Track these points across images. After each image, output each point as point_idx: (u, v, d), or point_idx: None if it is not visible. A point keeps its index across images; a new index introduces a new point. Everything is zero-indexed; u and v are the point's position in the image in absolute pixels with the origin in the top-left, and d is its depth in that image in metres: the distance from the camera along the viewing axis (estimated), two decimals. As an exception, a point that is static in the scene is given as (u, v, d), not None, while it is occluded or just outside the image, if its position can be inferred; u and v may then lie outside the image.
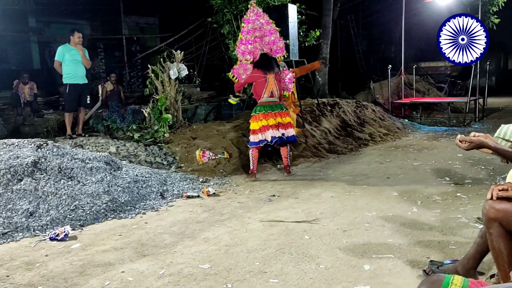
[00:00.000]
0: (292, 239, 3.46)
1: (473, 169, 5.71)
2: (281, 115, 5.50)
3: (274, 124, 5.44)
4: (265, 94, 5.52)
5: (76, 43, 7.13)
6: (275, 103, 5.53)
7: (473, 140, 2.28)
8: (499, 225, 2.05)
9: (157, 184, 5.03)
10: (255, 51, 5.86)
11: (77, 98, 7.22)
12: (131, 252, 3.32)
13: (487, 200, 2.11)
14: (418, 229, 3.58)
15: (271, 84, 5.49)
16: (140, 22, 14.61)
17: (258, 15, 5.92)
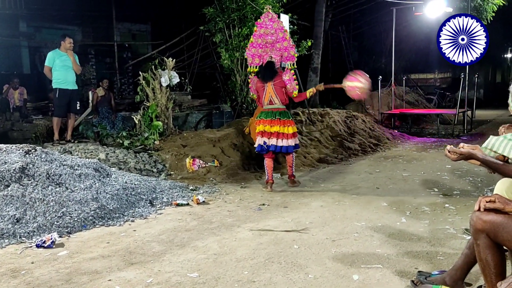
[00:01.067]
0: (281, 248, 3.45)
1: (461, 180, 5.76)
2: (283, 123, 5.45)
3: (275, 132, 5.43)
4: (265, 101, 5.58)
5: (67, 48, 7.11)
6: (276, 110, 5.50)
7: (462, 151, 2.31)
8: (487, 237, 2.07)
9: (146, 192, 4.99)
10: (264, 56, 5.91)
11: (67, 103, 7.17)
12: (119, 260, 3.28)
13: (475, 211, 2.13)
14: (406, 240, 3.60)
15: (269, 92, 5.51)
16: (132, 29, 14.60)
17: (272, 20, 5.93)
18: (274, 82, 5.50)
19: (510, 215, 2.05)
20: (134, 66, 13.49)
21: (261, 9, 9.27)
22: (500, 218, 2.04)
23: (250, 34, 9.66)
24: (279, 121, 5.43)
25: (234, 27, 9.80)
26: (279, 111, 5.50)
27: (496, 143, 2.51)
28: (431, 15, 11.73)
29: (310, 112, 9.08)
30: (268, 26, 5.91)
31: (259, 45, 5.95)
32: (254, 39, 6.01)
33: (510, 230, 2.01)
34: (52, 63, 7.02)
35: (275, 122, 5.43)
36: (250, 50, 6.02)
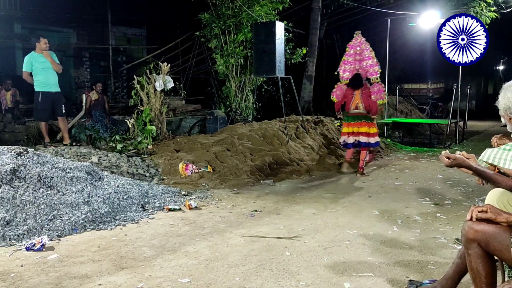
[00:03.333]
0: (273, 255, 3.44)
1: (453, 190, 5.80)
2: (369, 125, 6.77)
3: (353, 132, 6.81)
4: (351, 106, 6.82)
5: (42, 49, 6.94)
6: (361, 114, 6.78)
7: (457, 157, 2.33)
8: (478, 246, 2.08)
9: (138, 196, 4.97)
10: (353, 71, 7.25)
11: (50, 107, 7.03)
12: (109, 264, 3.26)
13: (467, 221, 2.14)
14: (398, 248, 3.61)
15: (356, 99, 6.74)
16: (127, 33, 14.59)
17: (360, 43, 7.46)
18: (362, 90, 6.76)
19: (502, 225, 2.07)
20: (129, 70, 13.47)
21: (257, 16, 9.34)
22: (491, 228, 2.06)
23: (245, 40, 9.77)
24: (366, 123, 6.75)
25: (229, 33, 9.84)
26: (363, 115, 6.78)
27: (491, 154, 2.54)
28: (425, 26, 11.86)
29: (304, 120, 9.11)
30: (357, 47, 7.44)
31: (350, 63, 7.44)
32: (346, 58, 7.56)
33: (501, 240, 2.02)
34: (30, 67, 6.87)
35: (363, 124, 6.75)
36: (342, 66, 7.52)
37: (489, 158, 2.55)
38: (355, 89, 6.77)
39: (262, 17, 9.50)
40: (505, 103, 2.27)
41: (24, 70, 6.95)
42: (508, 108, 2.26)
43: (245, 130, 8.02)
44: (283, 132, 8.04)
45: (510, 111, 2.26)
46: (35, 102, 7.15)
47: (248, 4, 9.52)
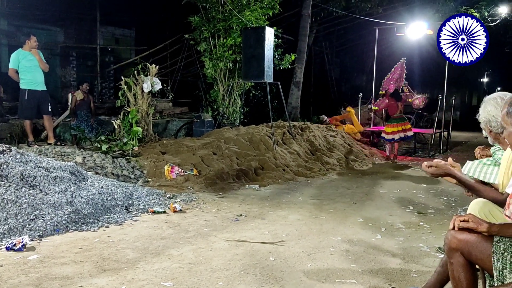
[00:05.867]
0: (257, 260, 3.44)
1: (436, 199, 5.87)
2: (404, 124, 9.23)
3: (401, 130, 9.14)
4: (396, 112, 9.19)
5: (32, 47, 6.88)
6: (402, 117, 9.33)
7: (439, 164, 2.36)
8: (460, 255, 2.11)
9: (122, 198, 4.92)
10: (391, 87, 9.77)
11: (36, 105, 6.96)
12: (91, 266, 3.21)
13: (450, 230, 2.17)
14: (381, 256, 3.64)
15: (399, 108, 9.23)
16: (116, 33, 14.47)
17: (402, 66, 10.07)
18: (401, 101, 9.42)
19: (483, 235, 2.10)
20: (116, 70, 13.35)
21: (247, 20, 9.37)
22: (474, 237, 2.08)
23: (235, 44, 9.78)
24: (405, 123, 9.25)
25: (219, 37, 9.85)
26: (403, 117, 9.39)
27: (472, 168, 2.59)
28: (412, 36, 12.02)
29: (291, 125, 9.15)
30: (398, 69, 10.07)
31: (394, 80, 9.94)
32: (390, 76, 10.08)
33: (483, 249, 2.05)
34: (17, 64, 6.78)
35: (405, 124, 9.25)
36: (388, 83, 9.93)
37: (469, 171, 2.60)
38: (398, 101, 9.24)
39: (252, 22, 9.53)
40: (486, 116, 2.31)
41: (10, 67, 6.85)
42: (488, 121, 2.30)
43: (232, 134, 8.02)
44: (269, 137, 8.06)
45: (490, 124, 2.30)
46: (20, 100, 7.04)
47: (238, 9, 9.55)
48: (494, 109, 2.26)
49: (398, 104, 9.24)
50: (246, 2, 9.59)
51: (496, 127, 2.28)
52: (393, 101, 9.21)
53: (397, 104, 9.21)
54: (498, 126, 2.27)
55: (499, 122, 2.25)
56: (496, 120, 2.26)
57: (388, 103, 9.28)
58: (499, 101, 2.26)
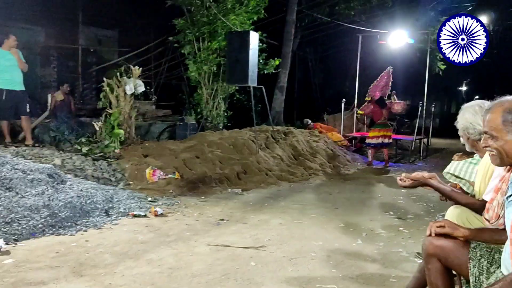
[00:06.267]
0: (238, 265, 3.42)
1: (415, 205, 5.95)
2: (386, 131, 9.40)
3: (382, 135, 9.29)
4: (381, 118, 9.36)
5: (11, 46, 6.76)
6: (386, 123, 9.57)
7: (416, 177, 2.39)
8: (437, 261, 2.13)
9: (102, 201, 4.83)
10: (377, 94, 9.91)
11: (14, 105, 6.82)
12: (68, 271, 3.14)
13: (427, 236, 2.19)
14: (361, 261, 3.66)
15: (383, 114, 9.39)
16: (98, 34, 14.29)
17: (388, 74, 10.28)
18: (386, 108, 9.57)
19: (460, 241, 2.13)
20: (99, 71, 13.17)
21: (232, 24, 9.37)
22: (450, 243, 2.11)
23: (219, 48, 9.76)
24: (387, 129, 9.46)
25: (203, 40, 9.82)
26: (387, 123, 9.63)
27: (458, 167, 2.63)
28: (394, 44, 12.21)
29: (274, 130, 9.16)
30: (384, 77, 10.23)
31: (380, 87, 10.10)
32: (376, 83, 10.24)
33: (459, 255, 2.08)
34: None
35: (388, 130, 9.46)
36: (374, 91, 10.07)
37: (455, 170, 2.64)
38: (383, 107, 9.49)
39: (237, 26, 9.54)
40: (463, 124, 2.35)
41: None
42: (466, 128, 2.34)
43: (215, 138, 7.99)
44: (253, 142, 8.06)
45: (468, 131, 2.34)
46: None
47: (223, 13, 9.54)
48: (472, 116, 2.30)
49: (382, 111, 9.44)
50: (231, 6, 9.59)
51: (474, 134, 2.32)
52: (377, 108, 9.43)
53: (381, 111, 9.43)
54: (476, 133, 2.31)
55: (476, 130, 2.30)
56: (473, 127, 2.30)
57: (373, 109, 9.52)
58: (477, 109, 2.30)
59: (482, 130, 1.96)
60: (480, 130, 2.29)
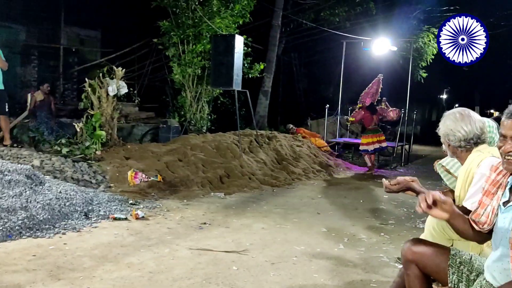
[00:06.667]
0: (219, 269, 3.39)
1: (396, 210, 6.01)
2: (379, 136, 9.67)
3: (376, 141, 9.56)
4: (371, 124, 9.57)
5: None
6: (375, 129, 9.69)
7: (399, 181, 2.42)
8: (416, 267, 2.14)
9: (82, 203, 4.74)
10: (367, 100, 9.74)
11: None
12: (45, 274, 3.07)
13: (406, 242, 2.21)
14: (343, 266, 3.67)
15: (374, 120, 9.60)
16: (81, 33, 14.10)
17: (379, 82, 9.96)
18: (376, 114, 9.70)
19: (439, 248, 2.14)
20: (81, 72, 13.00)
21: (217, 28, 9.36)
22: (430, 250, 2.13)
23: (204, 51, 9.74)
24: (380, 134, 9.72)
25: (188, 43, 9.78)
26: (378, 129, 9.81)
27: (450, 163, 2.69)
28: (377, 52, 12.37)
29: (258, 134, 9.16)
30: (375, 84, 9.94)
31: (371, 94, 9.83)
32: (368, 90, 9.87)
33: (438, 262, 2.09)
34: None
35: (380, 135, 9.67)
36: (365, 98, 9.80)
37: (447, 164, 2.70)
38: (373, 113, 9.61)
39: (222, 30, 9.53)
40: (444, 130, 2.38)
41: None
42: (447, 135, 2.38)
43: (198, 141, 7.94)
44: (236, 145, 8.04)
45: (448, 138, 2.37)
46: None
47: (209, 16, 9.52)
48: (453, 123, 2.34)
49: (373, 117, 9.61)
50: (216, 10, 9.58)
51: (454, 141, 2.35)
52: (368, 114, 9.60)
53: (372, 117, 9.61)
54: (456, 140, 2.34)
55: (456, 136, 2.33)
56: (454, 134, 2.34)
57: (364, 115, 9.69)
58: (457, 116, 2.34)
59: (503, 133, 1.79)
60: (460, 137, 2.32)
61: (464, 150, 2.36)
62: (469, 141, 2.31)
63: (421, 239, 2.41)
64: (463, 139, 2.32)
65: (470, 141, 2.31)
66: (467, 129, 2.30)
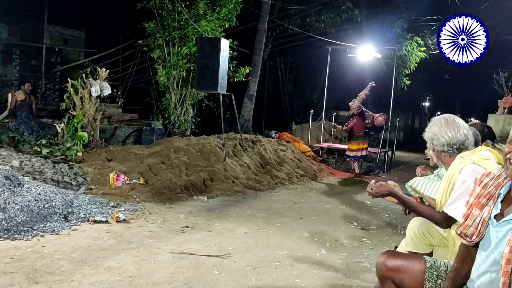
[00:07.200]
0: (201, 274, 3.36)
1: (378, 216, 6.06)
2: (363, 143, 9.68)
3: (360, 148, 9.61)
4: (361, 130, 9.69)
5: None
6: (363, 135, 9.81)
7: (383, 184, 2.44)
8: (391, 283, 2.14)
9: (61, 205, 4.66)
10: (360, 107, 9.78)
11: None
12: (22, 277, 3.00)
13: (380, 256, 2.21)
14: (325, 271, 3.68)
15: (363, 126, 9.76)
16: (64, 33, 13.91)
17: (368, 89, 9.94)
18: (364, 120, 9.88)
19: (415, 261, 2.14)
20: (63, 72, 12.82)
21: (203, 31, 9.34)
22: (405, 264, 2.11)
23: (189, 54, 9.70)
24: (365, 141, 9.77)
25: (173, 45, 9.73)
26: (365, 136, 9.92)
27: (419, 182, 2.71)
28: (362, 58, 12.50)
29: (242, 138, 9.15)
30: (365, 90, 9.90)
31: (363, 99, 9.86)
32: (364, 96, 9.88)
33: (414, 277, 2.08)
34: None
35: (366, 142, 9.77)
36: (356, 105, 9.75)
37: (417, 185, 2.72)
38: (364, 120, 9.81)
39: (208, 33, 9.51)
40: (430, 135, 2.43)
41: None
42: (432, 139, 2.42)
43: (182, 144, 7.90)
44: (220, 149, 8.01)
45: (433, 142, 2.42)
46: None
47: (195, 19, 9.50)
48: (438, 129, 2.39)
49: (363, 124, 9.78)
50: (203, 13, 9.56)
51: (438, 146, 2.40)
52: (360, 121, 9.71)
53: (362, 124, 9.78)
54: (439, 145, 2.38)
55: (440, 141, 2.37)
56: (438, 139, 2.38)
57: (356, 122, 9.75)
58: (442, 122, 2.39)
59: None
60: (444, 142, 2.36)
61: (447, 155, 2.40)
62: (452, 146, 2.36)
63: (396, 252, 2.42)
64: (446, 144, 2.36)
65: (453, 146, 2.36)
66: (451, 135, 2.34)
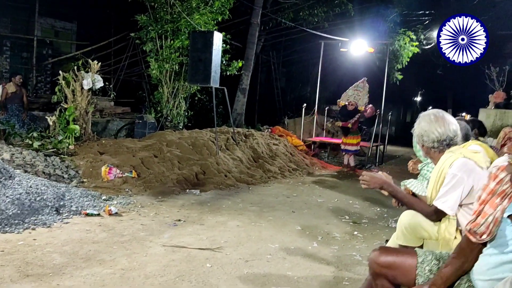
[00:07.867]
0: (193, 267, 3.37)
1: (370, 210, 6.11)
2: (357, 138, 9.97)
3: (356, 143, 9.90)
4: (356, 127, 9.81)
5: None
6: (356, 131, 9.96)
7: (376, 175, 2.45)
8: (384, 279, 2.15)
9: (53, 198, 4.64)
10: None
11: None
12: (13, 271, 2.99)
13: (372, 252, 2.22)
14: (316, 263, 3.71)
15: (357, 121, 9.84)
16: (56, 25, 13.76)
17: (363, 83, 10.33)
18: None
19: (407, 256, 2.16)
20: (55, 64, 12.70)
21: (196, 24, 9.29)
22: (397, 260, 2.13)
23: (182, 47, 9.65)
24: (358, 136, 9.99)
25: (166, 38, 9.68)
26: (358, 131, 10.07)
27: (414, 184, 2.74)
28: (354, 53, 12.52)
29: (235, 132, 9.15)
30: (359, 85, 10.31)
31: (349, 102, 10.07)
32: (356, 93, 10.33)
33: (406, 272, 2.10)
34: None
35: (358, 137, 9.96)
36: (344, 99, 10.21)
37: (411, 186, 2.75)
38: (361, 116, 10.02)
39: (201, 26, 9.46)
40: (419, 131, 2.43)
41: None
42: (421, 135, 2.42)
43: (174, 137, 7.87)
44: (213, 143, 8.00)
45: (422, 139, 2.42)
46: None
47: (187, 11, 9.44)
48: (427, 125, 2.39)
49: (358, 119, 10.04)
50: (196, 6, 9.51)
51: (427, 142, 2.40)
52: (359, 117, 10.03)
53: (358, 119, 10.04)
54: (429, 141, 2.39)
55: (430, 137, 2.38)
56: (427, 135, 2.38)
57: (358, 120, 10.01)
58: (432, 118, 2.39)
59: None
60: (433, 138, 2.37)
61: (437, 151, 2.40)
62: (442, 143, 2.36)
63: (387, 248, 2.43)
64: (436, 140, 2.36)
65: (443, 142, 2.36)
66: (440, 130, 2.35)
